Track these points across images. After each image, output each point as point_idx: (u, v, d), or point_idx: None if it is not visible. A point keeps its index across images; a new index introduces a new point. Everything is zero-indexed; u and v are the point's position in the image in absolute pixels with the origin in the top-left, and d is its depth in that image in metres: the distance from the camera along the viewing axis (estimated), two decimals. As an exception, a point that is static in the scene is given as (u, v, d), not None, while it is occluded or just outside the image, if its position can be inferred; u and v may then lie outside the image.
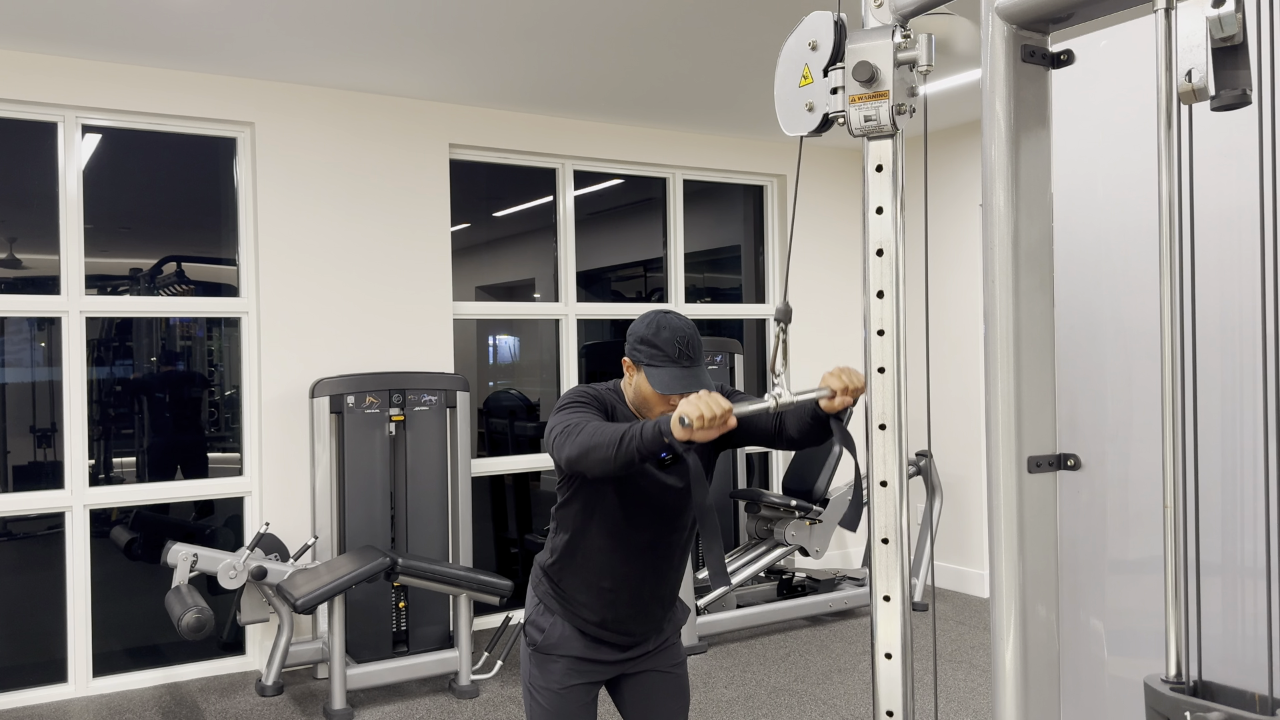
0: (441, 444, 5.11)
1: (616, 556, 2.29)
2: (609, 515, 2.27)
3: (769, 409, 1.86)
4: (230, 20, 4.12)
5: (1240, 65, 1.35)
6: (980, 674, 4.75)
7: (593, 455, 2.01)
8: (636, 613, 2.35)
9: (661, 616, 2.41)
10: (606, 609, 2.32)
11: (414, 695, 4.60)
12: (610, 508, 2.26)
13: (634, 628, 2.36)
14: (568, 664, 2.35)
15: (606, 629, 2.34)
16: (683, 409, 1.86)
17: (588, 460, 2.02)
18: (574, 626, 2.35)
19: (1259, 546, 1.60)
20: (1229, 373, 1.64)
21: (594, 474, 2.03)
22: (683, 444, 1.89)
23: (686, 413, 1.85)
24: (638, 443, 1.95)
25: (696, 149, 6.28)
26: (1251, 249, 1.60)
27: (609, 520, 2.27)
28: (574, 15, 4.13)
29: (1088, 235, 1.84)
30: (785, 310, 1.90)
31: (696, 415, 1.84)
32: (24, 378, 4.69)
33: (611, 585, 2.31)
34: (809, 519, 5.50)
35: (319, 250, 5.12)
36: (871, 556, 1.64)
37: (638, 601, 2.33)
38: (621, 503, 2.26)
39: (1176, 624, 1.21)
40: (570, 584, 2.34)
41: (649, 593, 2.34)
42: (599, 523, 2.28)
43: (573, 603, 2.34)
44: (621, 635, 2.36)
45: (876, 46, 1.55)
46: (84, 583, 4.67)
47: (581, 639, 2.35)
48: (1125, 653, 1.79)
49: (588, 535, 2.29)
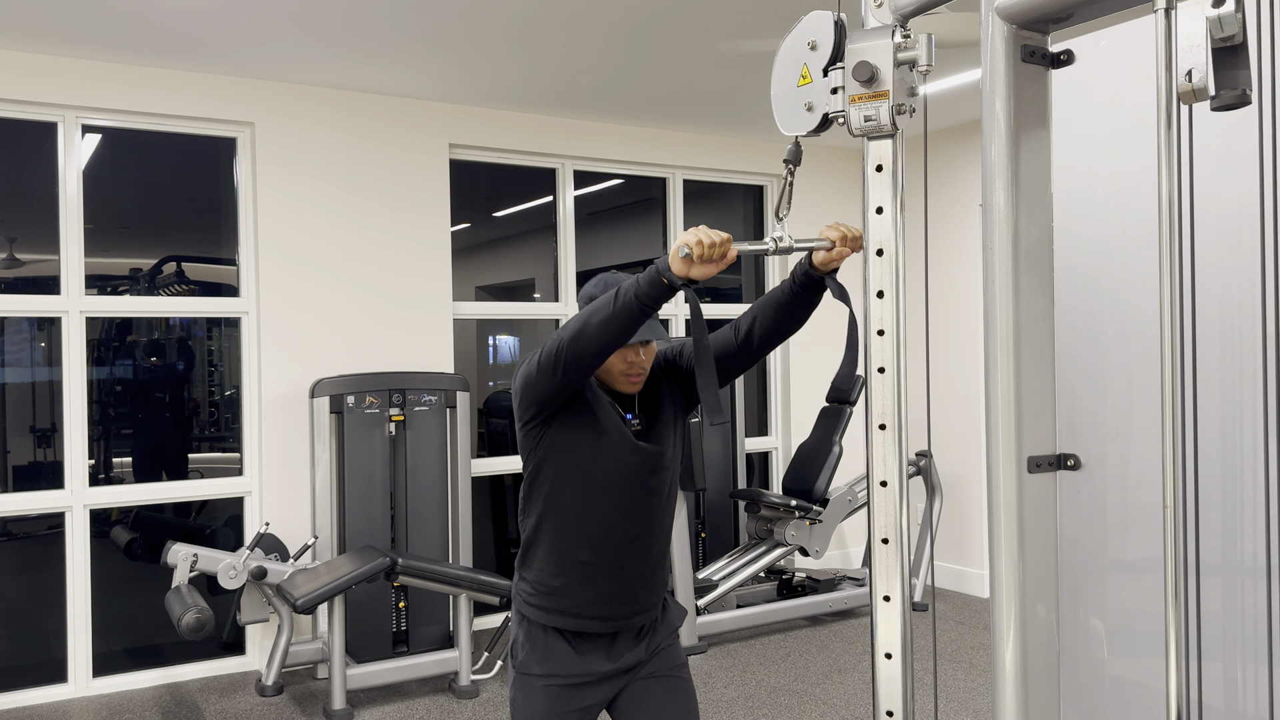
0: (441, 444, 5.11)
1: (591, 523, 2.17)
2: (580, 475, 2.16)
3: (768, 250, 1.82)
4: (230, 20, 4.12)
5: (1240, 65, 1.35)
6: (980, 674, 4.75)
7: (591, 322, 1.93)
8: (619, 590, 2.20)
9: (646, 600, 2.26)
10: (586, 586, 2.18)
11: (414, 695, 4.60)
12: (581, 468, 2.16)
13: (618, 608, 2.21)
14: (554, 692, 2.20)
15: (588, 616, 2.19)
16: (682, 238, 1.82)
17: (588, 331, 1.94)
18: (554, 629, 2.22)
19: (1259, 546, 1.60)
20: (1229, 373, 1.64)
21: (596, 349, 1.95)
22: (682, 281, 1.84)
23: (686, 241, 1.81)
24: (635, 289, 1.88)
25: (696, 149, 6.28)
26: (1251, 249, 1.60)
27: (580, 481, 2.16)
28: (574, 15, 4.13)
29: (1088, 235, 1.85)
30: (796, 152, 1.84)
31: (695, 242, 1.80)
32: (24, 378, 4.69)
33: (589, 557, 2.17)
34: (809, 519, 5.49)
35: (319, 250, 5.12)
36: (871, 556, 1.64)
37: (619, 576, 2.19)
38: (594, 461, 2.15)
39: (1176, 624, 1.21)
40: (545, 569, 2.21)
41: (631, 568, 2.21)
42: (570, 486, 2.17)
43: (551, 594, 2.20)
44: (605, 621, 2.20)
45: (876, 46, 1.55)
46: (84, 583, 4.67)
47: (564, 644, 2.21)
48: (1125, 653, 1.79)
49: (559, 502, 2.18)
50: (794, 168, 1.85)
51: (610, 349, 1.97)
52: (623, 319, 1.91)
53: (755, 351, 2.19)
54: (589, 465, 2.16)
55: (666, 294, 1.89)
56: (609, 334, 1.93)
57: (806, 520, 5.51)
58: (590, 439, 2.16)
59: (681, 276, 1.84)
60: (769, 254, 1.83)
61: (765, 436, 6.71)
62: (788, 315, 2.11)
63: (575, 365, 2.02)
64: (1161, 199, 1.24)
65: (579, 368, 2.02)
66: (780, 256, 6.62)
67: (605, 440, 2.16)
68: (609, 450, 2.16)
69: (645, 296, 1.88)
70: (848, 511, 5.71)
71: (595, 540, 2.18)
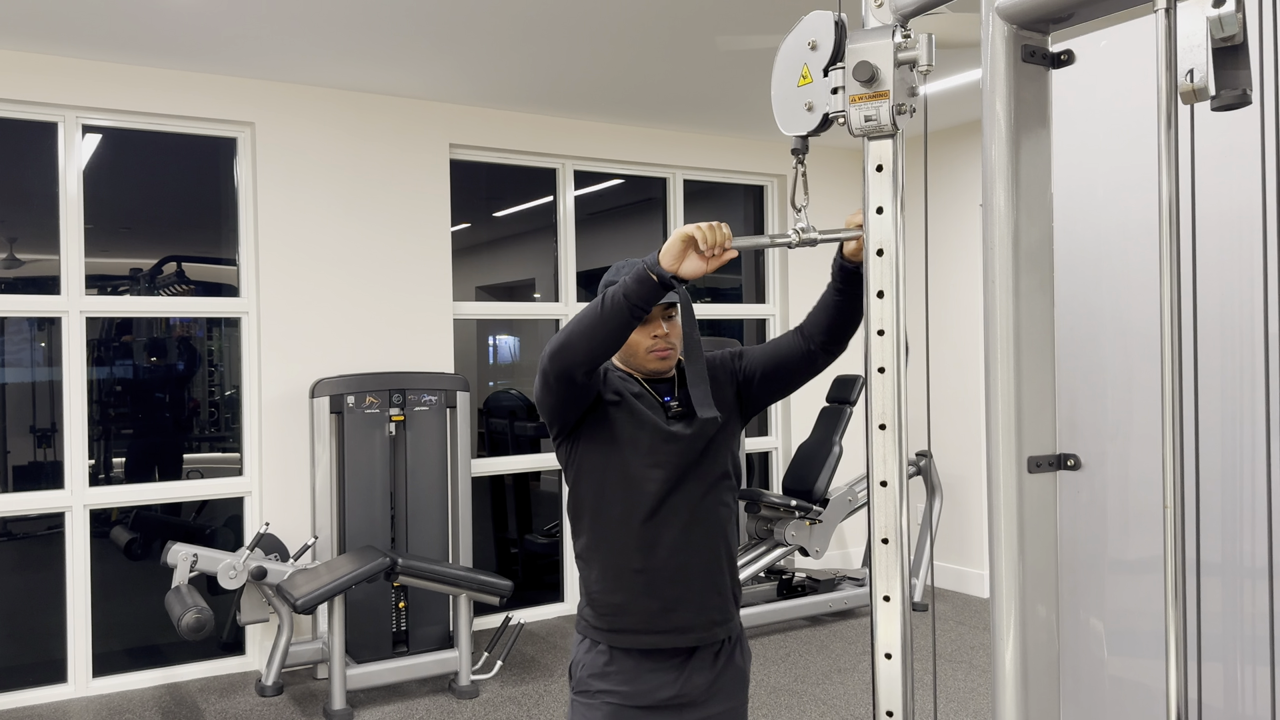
0: (441, 444, 5.11)
1: (635, 525, 2.03)
2: (618, 478, 2.03)
3: (790, 243, 1.77)
4: (230, 20, 4.12)
5: (1240, 65, 1.34)
6: (980, 674, 4.75)
7: (578, 331, 1.84)
8: (684, 595, 2.03)
9: (721, 607, 2.09)
10: (648, 597, 2.02)
11: (414, 695, 4.60)
12: (619, 470, 2.04)
13: (689, 618, 2.04)
14: (612, 710, 2.05)
15: (659, 631, 2.03)
16: (682, 229, 1.76)
17: (574, 342, 1.86)
18: (621, 649, 2.06)
19: (1259, 546, 1.60)
20: (1229, 373, 1.64)
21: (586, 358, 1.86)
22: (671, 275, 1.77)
23: (685, 230, 1.75)
24: (623, 289, 1.80)
25: (696, 149, 6.27)
26: (1252, 249, 1.60)
27: (619, 483, 2.03)
28: (574, 15, 4.13)
29: (1088, 235, 1.84)
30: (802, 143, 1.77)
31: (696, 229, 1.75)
32: (24, 378, 4.69)
33: (642, 563, 2.02)
34: (809, 519, 5.49)
35: (319, 250, 5.12)
36: (871, 556, 1.64)
37: (680, 579, 2.03)
38: (631, 460, 2.03)
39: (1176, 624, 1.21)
40: (603, 585, 2.07)
41: (694, 567, 2.05)
42: (611, 494, 2.04)
43: (615, 614, 2.06)
44: (679, 634, 2.04)
45: (877, 46, 1.55)
46: (84, 583, 4.67)
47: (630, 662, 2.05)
48: (1125, 653, 1.79)
49: (602, 514, 2.06)
50: (802, 156, 1.78)
51: (603, 356, 1.89)
52: (613, 323, 1.83)
53: (820, 351, 2.09)
54: (625, 465, 2.05)
55: (657, 292, 1.81)
56: (598, 340, 1.85)
57: (806, 520, 5.51)
58: (625, 440, 2.05)
59: (671, 272, 1.78)
60: (793, 245, 1.79)
61: (765, 436, 6.71)
62: (838, 312, 2.04)
63: (565, 378, 1.94)
64: (1162, 199, 1.24)
65: (570, 379, 1.94)
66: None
67: (640, 435, 2.05)
68: (645, 443, 2.05)
69: (635, 296, 1.81)
70: (848, 511, 5.71)
71: (645, 543, 2.04)
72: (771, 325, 6.71)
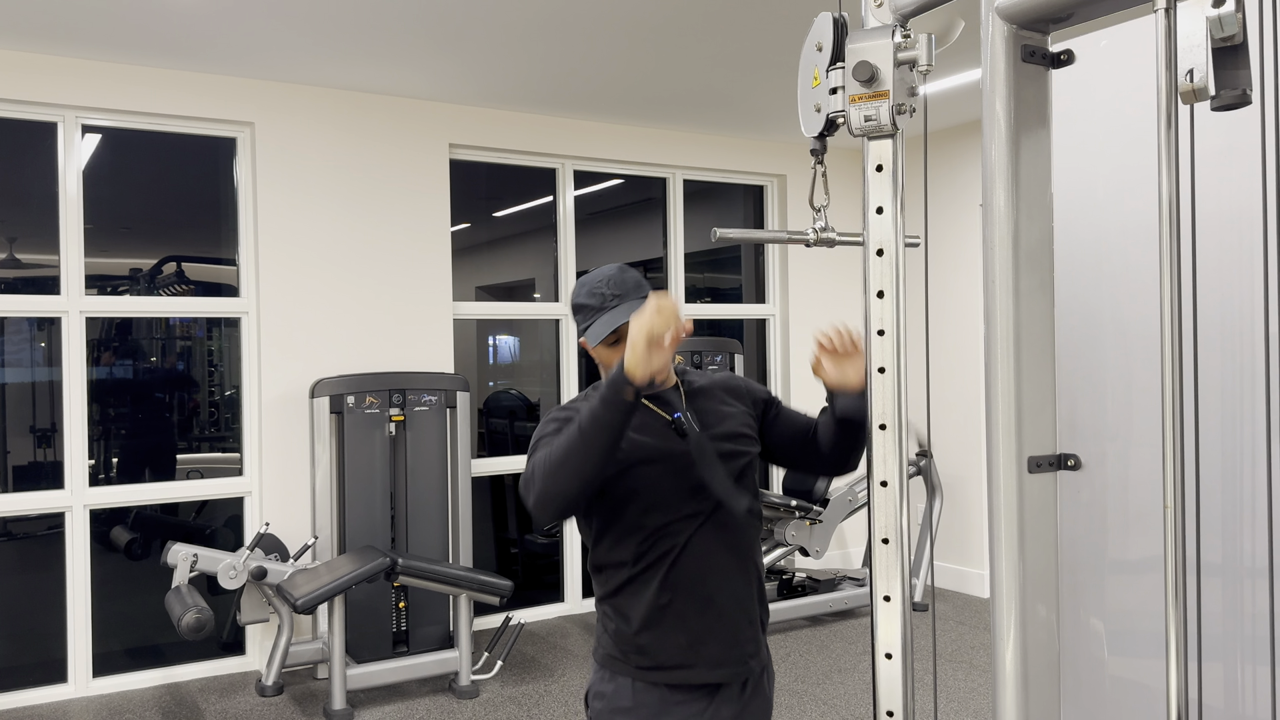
0: (441, 444, 5.11)
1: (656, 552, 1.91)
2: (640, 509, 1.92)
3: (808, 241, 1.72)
4: (230, 20, 4.12)
5: (1240, 65, 1.34)
6: (980, 674, 4.75)
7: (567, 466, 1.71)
8: (713, 625, 1.92)
9: (752, 637, 1.98)
10: (676, 631, 1.91)
11: (414, 695, 4.60)
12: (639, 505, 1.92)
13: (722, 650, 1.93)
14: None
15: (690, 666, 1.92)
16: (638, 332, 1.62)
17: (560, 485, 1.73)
18: (645, 683, 1.93)
19: (1259, 546, 1.60)
20: (1229, 373, 1.64)
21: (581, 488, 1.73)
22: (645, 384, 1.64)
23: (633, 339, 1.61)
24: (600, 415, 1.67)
25: (696, 149, 6.27)
26: (1252, 249, 1.60)
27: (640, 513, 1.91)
28: (574, 15, 4.13)
29: (1088, 235, 1.84)
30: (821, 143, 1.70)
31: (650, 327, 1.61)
32: (24, 378, 4.69)
33: (667, 597, 1.91)
34: (809, 519, 5.49)
35: (319, 250, 5.12)
36: (871, 556, 1.64)
37: (710, 608, 1.92)
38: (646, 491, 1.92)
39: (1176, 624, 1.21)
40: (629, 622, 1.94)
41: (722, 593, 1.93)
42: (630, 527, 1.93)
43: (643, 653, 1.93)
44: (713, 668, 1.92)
45: (876, 46, 1.55)
46: (84, 583, 4.67)
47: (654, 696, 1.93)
48: (1125, 653, 1.79)
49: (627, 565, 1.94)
50: (821, 156, 1.73)
51: (597, 477, 1.74)
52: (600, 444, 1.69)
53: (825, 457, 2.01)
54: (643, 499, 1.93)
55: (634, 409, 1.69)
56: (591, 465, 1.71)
57: (807, 520, 5.51)
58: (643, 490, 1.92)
59: (645, 382, 1.64)
60: (809, 244, 1.78)
61: (765, 436, 6.70)
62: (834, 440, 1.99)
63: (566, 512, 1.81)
64: (1162, 199, 1.24)
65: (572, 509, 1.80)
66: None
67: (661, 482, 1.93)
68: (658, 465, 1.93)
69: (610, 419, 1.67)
70: (848, 511, 5.71)
71: (665, 571, 1.92)
72: (771, 325, 6.71)
